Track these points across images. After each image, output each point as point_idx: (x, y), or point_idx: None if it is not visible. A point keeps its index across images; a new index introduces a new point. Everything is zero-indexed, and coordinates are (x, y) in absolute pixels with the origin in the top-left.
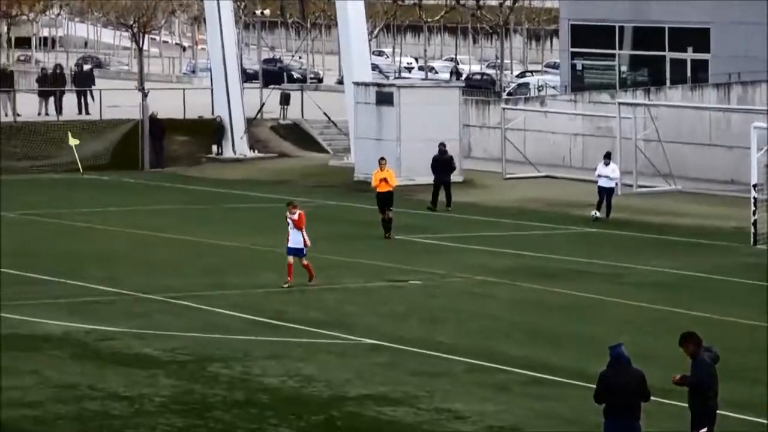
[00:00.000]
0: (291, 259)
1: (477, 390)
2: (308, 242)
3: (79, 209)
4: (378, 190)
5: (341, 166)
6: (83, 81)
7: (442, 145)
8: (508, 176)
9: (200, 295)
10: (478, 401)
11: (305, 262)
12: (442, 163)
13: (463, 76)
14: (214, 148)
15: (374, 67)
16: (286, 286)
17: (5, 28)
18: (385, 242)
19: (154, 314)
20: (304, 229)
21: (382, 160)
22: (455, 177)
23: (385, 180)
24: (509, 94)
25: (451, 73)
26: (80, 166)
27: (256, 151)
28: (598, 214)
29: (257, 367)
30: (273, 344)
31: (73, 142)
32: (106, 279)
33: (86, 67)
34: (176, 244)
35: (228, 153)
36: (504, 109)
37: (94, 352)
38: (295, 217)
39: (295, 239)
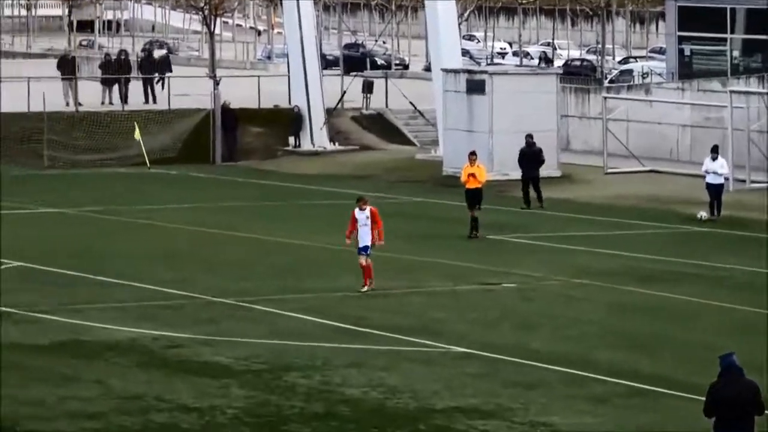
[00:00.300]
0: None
1: (575, 402)
2: (376, 240)
3: (145, 206)
4: (467, 186)
5: (428, 159)
6: (158, 68)
7: (529, 137)
8: (609, 171)
9: (274, 298)
10: (576, 414)
11: (364, 262)
12: (530, 157)
13: (559, 62)
14: (291, 140)
15: (464, 52)
16: (366, 289)
17: (67, 11)
18: (474, 242)
19: (226, 319)
20: (380, 228)
21: (472, 155)
22: (552, 172)
23: (473, 175)
24: (611, 81)
25: (540, 59)
26: (147, 160)
27: (336, 144)
28: (705, 215)
29: (337, 377)
30: (354, 352)
31: (138, 136)
32: (175, 281)
33: (161, 52)
34: (249, 243)
35: (306, 145)
36: (605, 98)
37: (162, 360)
38: (366, 213)
39: (364, 237)
